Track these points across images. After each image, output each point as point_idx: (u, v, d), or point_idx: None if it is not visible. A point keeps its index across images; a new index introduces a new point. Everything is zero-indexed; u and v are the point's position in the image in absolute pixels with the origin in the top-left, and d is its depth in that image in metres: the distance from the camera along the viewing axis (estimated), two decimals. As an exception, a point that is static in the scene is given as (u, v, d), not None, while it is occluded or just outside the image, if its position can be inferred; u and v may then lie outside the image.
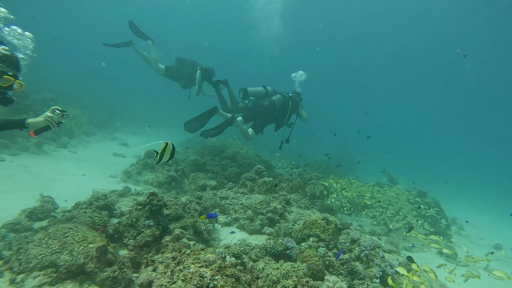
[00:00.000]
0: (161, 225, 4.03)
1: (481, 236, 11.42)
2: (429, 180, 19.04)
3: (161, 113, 24.83)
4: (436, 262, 7.10)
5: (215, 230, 5.29)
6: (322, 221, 4.76)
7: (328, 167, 12.48)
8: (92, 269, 2.74)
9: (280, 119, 8.38)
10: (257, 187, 6.56)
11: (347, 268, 3.84)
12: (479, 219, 15.57)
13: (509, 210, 18.22)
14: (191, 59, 9.72)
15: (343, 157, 16.70)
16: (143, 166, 7.88)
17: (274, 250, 3.88)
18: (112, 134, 14.28)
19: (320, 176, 8.63)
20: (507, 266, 8.52)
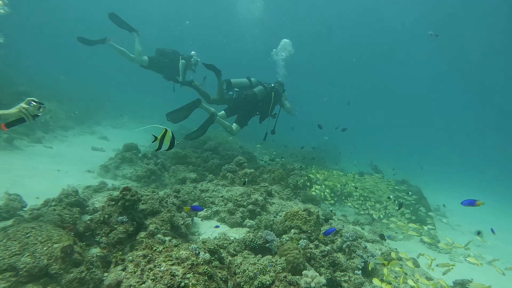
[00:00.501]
0: (135, 221, 3.89)
1: (463, 223, 11.77)
2: (415, 169, 19.48)
3: (144, 105, 24.33)
4: (419, 250, 7.24)
5: (194, 224, 5.18)
6: (303, 213, 4.72)
7: (312, 158, 12.50)
8: (57, 270, 2.59)
9: (264, 111, 8.27)
10: (238, 179, 6.46)
11: (328, 260, 3.81)
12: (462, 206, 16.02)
13: (494, 197, 18.81)
14: (171, 49, 9.44)
15: (327, 148, 16.82)
16: (121, 160, 7.65)
17: (254, 243, 3.81)
18: (91, 128, 13.86)
19: (303, 167, 8.61)
20: (488, 251, 8.78)
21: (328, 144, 17.83)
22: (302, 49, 41.00)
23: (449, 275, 5.24)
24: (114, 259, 2.87)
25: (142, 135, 15.48)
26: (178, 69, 9.27)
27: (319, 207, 7.28)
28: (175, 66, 9.30)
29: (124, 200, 3.81)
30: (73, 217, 3.71)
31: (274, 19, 33.10)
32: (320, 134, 16.45)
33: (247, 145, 12.55)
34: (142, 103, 25.33)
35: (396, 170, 13.01)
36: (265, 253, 3.82)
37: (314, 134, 17.61)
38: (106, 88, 27.71)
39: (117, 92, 27.07)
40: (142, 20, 29.84)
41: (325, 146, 15.96)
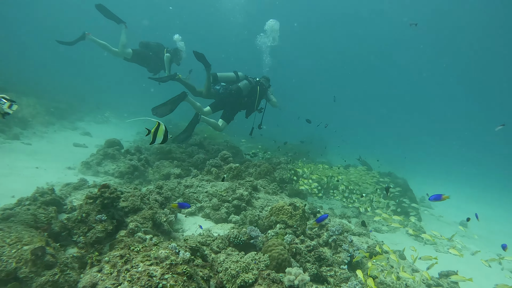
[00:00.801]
0: (115, 219, 3.75)
1: (448, 214, 12.00)
2: (402, 163, 19.82)
3: (128, 100, 23.84)
4: (406, 242, 7.33)
5: (178, 221, 5.07)
6: (289, 207, 4.66)
7: (295, 153, 12.49)
8: (27, 274, 2.45)
9: (250, 105, 8.18)
10: (223, 173, 6.36)
11: (314, 255, 3.77)
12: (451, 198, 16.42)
13: (479, 189, 19.22)
14: (155, 42, 9.20)
15: (314, 142, 16.86)
16: (104, 156, 7.43)
17: (238, 240, 3.73)
18: (73, 123, 13.46)
19: (289, 160, 8.57)
20: (472, 241, 8.97)
21: (315, 138, 17.90)
22: (290, 42, 41.12)
23: (435, 266, 5.31)
24: (90, 260, 2.74)
25: (126, 130, 15.18)
26: (162, 61, 9.06)
27: (306, 201, 7.26)
28: (159, 59, 9.08)
29: (103, 198, 3.66)
30: (48, 217, 3.55)
31: (260, 6, 32.78)
32: (308, 128, 16.52)
33: (233, 139, 12.43)
34: (126, 98, 24.84)
35: (383, 164, 13.17)
36: (249, 249, 3.75)
37: (303, 128, 17.69)
38: (90, 82, 26.97)
39: (101, 87, 26.41)
40: (126, 7, 29.08)
41: (312, 139, 16.01)
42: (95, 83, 27.20)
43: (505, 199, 18.89)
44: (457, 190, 18.87)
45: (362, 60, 44.28)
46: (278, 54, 10.24)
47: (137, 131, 15.38)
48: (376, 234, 7.14)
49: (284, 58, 42.53)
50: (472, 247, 8.21)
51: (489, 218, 13.12)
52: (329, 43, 42.22)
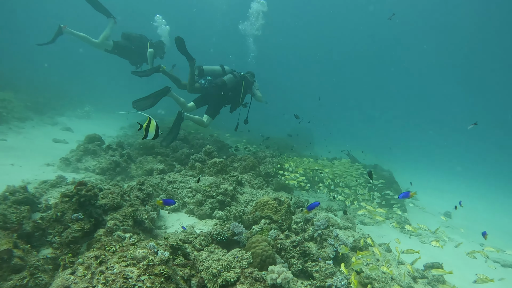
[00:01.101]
0: (93, 218, 3.60)
1: (432, 205, 12.25)
2: (389, 156, 20.11)
3: (110, 93, 23.27)
4: (392, 234, 7.40)
5: (160, 218, 4.94)
6: (273, 202, 4.59)
7: (283, 146, 12.46)
8: (-8, 278, 2.30)
9: (234, 100, 8.06)
10: (207, 168, 6.24)
11: (299, 250, 3.72)
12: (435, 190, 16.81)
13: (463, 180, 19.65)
14: (138, 34, 8.91)
15: (301, 135, 16.87)
16: (84, 152, 7.18)
17: (221, 236, 3.64)
18: (53, 118, 12.99)
19: (274, 154, 8.50)
20: (456, 232, 9.14)
21: (302, 132, 17.94)
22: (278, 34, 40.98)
23: (421, 257, 5.37)
24: (62, 261, 2.60)
25: (110, 125, 14.79)
26: (144, 55, 8.81)
27: (292, 195, 7.23)
28: (142, 51, 8.82)
29: (79, 196, 3.50)
30: (19, 217, 3.37)
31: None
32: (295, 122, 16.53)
33: (218, 134, 12.28)
34: (108, 91, 24.22)
35: (370, 157, 13.31)
36: (233, 246, 3.67)
37: (291, 122, 17.68)
38: (70, 76, 26.11)
39: (82, 81, 25.63)
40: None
41: (299, 133, 16.01)
42: (78, 78, 26.39)
43: (488, 191, 19.45)
44: (442, 183, 19.27)
45: (351, 55, 44.68)
46: (265, 47, 10.15)
47: (121, 126, 15.02)
48: (362, 227, 7.17)
49: (271, 50, 42.48)
50: (457, 237, 8.38)
51: (473, 208, 13.46)
52: (317, 36, 42.29)
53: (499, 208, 15.32)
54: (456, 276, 5.41)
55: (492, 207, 15.34)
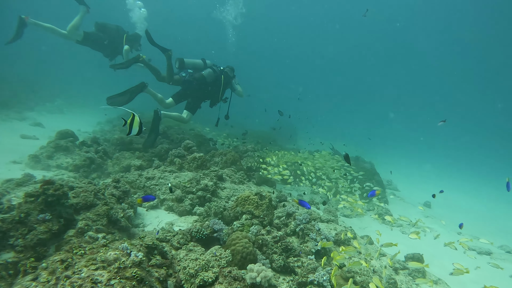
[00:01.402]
0: (63, 218, 3.37)
1: (413, 195, 12.55)
2: (370, 147, 20.46)
3: (87, 88, 22.39)
4: (374, 226, 7.46)
5: (138, 215, 4.73)
6: (255, 197, 4.49)
7: (264, 140, 12.37)
8: None
9: (214, 95, 7.89)
10: (187, 163, 6.05)
11: (281, 245, 3.63)
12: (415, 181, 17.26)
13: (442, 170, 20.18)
14: (114, 25, 8.42)
15: (283, 128, 16.86)
16: (55, 148, 6.81)
17: (200, 234, 3.50)
18: (21, 113, 12.29)
19: (256, 148, 8.39)
20: (436, 222, 9.39)
21: (286, 126, 17.93)
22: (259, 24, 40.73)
23: (402, 248, 5.43)
24: (22, 267, 2.39)
25: (86, 121, 14.19)
26: (120, 48, 8.40)
27: (274, 188, 7.16)
28: (117, 45, 8.38)
29: (46, 195, 3.26)
30: (-22, 219, 3.09)
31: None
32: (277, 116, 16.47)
33: (199, 128, 12.03)
34: (82, 85, 23.28)
35: (352, 149, 13.43)
36: (213, 243, 3.54)
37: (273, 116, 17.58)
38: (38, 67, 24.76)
39: (53, 73, 24.45)
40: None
41: (283, 126, 15.99)
42: (49, 70, 25.19)
43: (463, 181, 20.19)
44: (421, 173, 19.87)
45: (335, 49, 45.16)
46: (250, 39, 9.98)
47: (97, 121, 14.45)
48: (344, 219, 7.21)
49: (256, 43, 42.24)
50: (436, 227, 8.60)
51: (451, 198, 13.93)
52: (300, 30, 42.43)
53: (475, 197, 15.98)
54: (436, 265, 5.53)
55: (468, 196, 15.98)
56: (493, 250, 7.44)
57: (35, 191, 3.26)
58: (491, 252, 7.12)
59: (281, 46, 47.36)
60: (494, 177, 21.87)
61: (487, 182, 20.57)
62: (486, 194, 16.73)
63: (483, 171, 24.90)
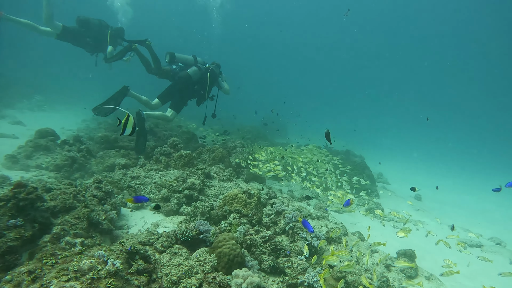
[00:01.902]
0: (38, 222, 3.17)
1: (404, 188, 12.51)
2: (360, 141, 20.51)
3: (70, 84, 21.79)
4: (365, 221, 7.37)
5: (122, 217, 4.53)
6: (243, 195, 4.34)
7: (259, 134, 12.21)
8: None
9: (200, 93, 7.71)
10: (173, 162, 5.85)
11: (270, 245, 3.49)
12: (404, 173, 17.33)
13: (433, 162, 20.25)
14: (97, 19, 8.02)
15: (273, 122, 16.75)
16: (34, 148, 6.52)
17: (186, 236, 3.33)
18: (0, 111, 11.84)
19: (245, 144, 8.22)
20: (427, 215, 9.37)
21: (277, 120, 17.81)
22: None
23: (394, 243, 5.36)
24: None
25: (70, 118, 13.77)
26: (103, 44, 8.07)
27: (264, 185, 7.02)
28: (100, 41, 8.03)
29: (17, 199, 3.04)
30: None
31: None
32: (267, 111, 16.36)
33: (186, 124, 11.78)
34: (65, 81, 22.63)
35: (341, 142, 13.39)
36: (200, 245, 3.38)
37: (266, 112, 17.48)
38: (18, 63, 23.90)
39: (34, 69, 23.66)
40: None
41: (274, 121, 15.88)
42: (29, 66, 24.38)
43: (452, 173, 20.44)
44: (411, 165, 20.02)
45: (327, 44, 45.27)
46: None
47: (82, 118, 14.03)
48: (335, 215, 7.11)
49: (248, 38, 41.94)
50: (427, 220, 8.55)
51: (441, 190, 14.02)
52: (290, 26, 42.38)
53: (462, 188, 16.15)
54: (428, 261, 5.47)
55: (456, 187, 16.14)
56: (484, 242, 7.46)
57: (4, 196, 3.04)
58: (481, 244, 7.13)
59: (270, 40, 47.13)
60: (482, 168, 22.24)
61: (475, 173, 20.91)
62: (474, 185, 16.95)
63: (472, 162, 25.31)
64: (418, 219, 8.51)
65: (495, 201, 13.11)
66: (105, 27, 8.01)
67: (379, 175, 13.10)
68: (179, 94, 7.41)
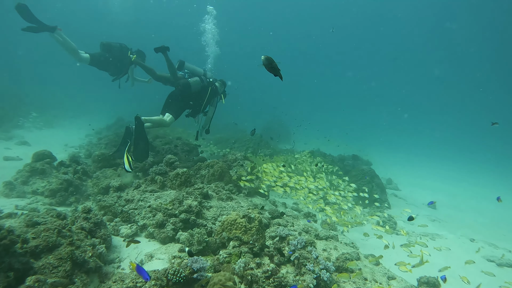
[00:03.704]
0: (14, 270, 2.91)
1: (414, 194, 11.87)
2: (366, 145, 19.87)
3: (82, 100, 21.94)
4: (376, 238, 6.75)
5: (113, 249, 4.26)
6: (242, 220, 4.00)
7: (259, 142, 11.82)
8: None
9: (196, 105, 7.48)
10: (169, 181, 5.56)
11: (273, 282, 3.12)
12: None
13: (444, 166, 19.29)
14: (118, 43, 8.28)
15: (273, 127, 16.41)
16: (30, 172, 6.35)
17: (178, 277, 3.02)
18: (9, 132, 11.87)
19: (246, 156, 7.84)
20: (444, 225, 8.59)
21: (278, 125, 17.44)
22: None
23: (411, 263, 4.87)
24: None
25: (73, 134, 13.73)
26: (124, 66, 8.27)
27: (267, 199, 6.67)
28: (121, 63, 8.27)
29: (-13, 246, 2.78)
30: None
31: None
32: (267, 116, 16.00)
33: (187, 135, 11.51)
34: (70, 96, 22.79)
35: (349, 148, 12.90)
36: (194, 285, 3.06)
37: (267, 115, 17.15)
38: (26, 81, 24.16)
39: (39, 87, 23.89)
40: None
41: (274, 126, 15.51)
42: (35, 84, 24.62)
43: (465, 175, 19.06)
44: (421, 170, 18.98)
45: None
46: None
47: (86, 133, 14.00)
48: (345, 232, 6.60)
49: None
50: (446, 233, 7.76)
51: (454, 195, 13.16)
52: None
53: (477, 191, 14.92)
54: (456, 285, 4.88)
55: (470, 191, 14.97)
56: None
57: (-26, 244, 2.79)
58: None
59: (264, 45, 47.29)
60: (500, 169, 20.72)
61: (493, 175, 19.48)
62: (494, 190, 15.11)
63: (489, 164, 23.68)
64: (435, 231, 7.84)
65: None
66: (125, 49, 8.27)
67: (388, 181, 12.44)
68: (177, 101, 7.23)
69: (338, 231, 5.26)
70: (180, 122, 8.14)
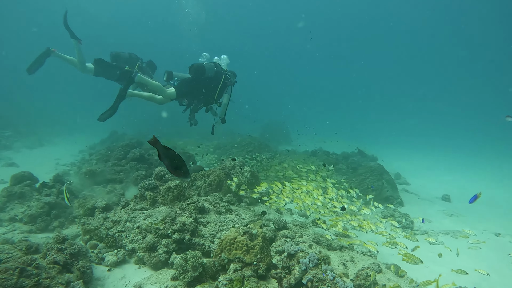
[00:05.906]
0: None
1: (426, 187, 11.11)
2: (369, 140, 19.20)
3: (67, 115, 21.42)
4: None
5: (96, 281, 3.62)
6: (243, 238, 3.37)
7: (260, 146, 11.21)
8: None
9: (209, 93, 6.82)
10: (161, 196, 4.93)
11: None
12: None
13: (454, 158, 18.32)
14: (128, 53, 7.85)
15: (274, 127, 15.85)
16: (8, 197, 5.74)
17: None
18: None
19: (244, 162, 7.22)
20: (462, 220, 7.91)
21: (278, 126, 16.86)
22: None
23: (437, 270, 4.25)
24: None
25: (66, 150, 13.16)
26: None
27: (271, 207, 6.04)
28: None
29: None
30: None
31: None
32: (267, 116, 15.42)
33: (184, 142, 10.92)
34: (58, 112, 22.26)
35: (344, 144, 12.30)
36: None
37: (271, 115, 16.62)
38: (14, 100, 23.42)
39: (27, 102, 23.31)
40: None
41: (275, 127, 14.93)
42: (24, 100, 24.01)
43: (477, 165, 17.97)
44: (432, 162, 18.05)
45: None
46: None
47: (79, 149, 13.42)
48: (358, 234, 5.88)
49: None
50: (467, 228, 7.00)
51: (468, 186, 12.35)
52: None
53: (491, 180, 13.97)
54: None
55: (484, 180, 14.02)
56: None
57: None
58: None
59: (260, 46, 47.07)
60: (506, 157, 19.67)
61: (505, 162, 18.40)
62: (507, 177, 14.08)
63: (499, 150, 22.56)
64: (455, 228, 7.14)
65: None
66: (134, 59, 7.80)
67: (397, 176, 11.72)
68: (188, 86, 6.66)
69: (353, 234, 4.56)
70: (177, 133, 7.52)
